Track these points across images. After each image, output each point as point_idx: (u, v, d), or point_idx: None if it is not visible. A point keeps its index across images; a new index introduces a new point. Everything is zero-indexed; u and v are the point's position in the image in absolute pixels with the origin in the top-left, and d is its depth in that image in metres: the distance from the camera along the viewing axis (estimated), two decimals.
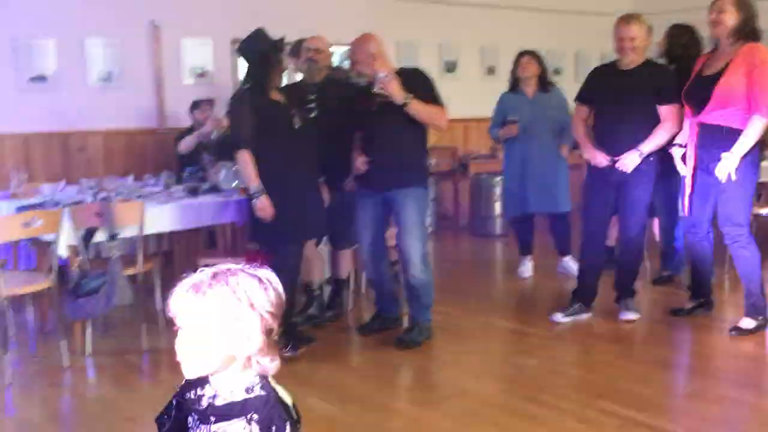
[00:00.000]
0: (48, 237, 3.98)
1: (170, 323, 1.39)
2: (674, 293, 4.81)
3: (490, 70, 8.85)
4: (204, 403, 1.40)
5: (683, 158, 4.08)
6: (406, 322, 4.22)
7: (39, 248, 4.50)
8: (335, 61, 5.88)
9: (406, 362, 3.79)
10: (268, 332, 1.37)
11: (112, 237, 3.99)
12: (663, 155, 4.23)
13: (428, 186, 4.10)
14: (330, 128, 4.16)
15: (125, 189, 4.70)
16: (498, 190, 7.55)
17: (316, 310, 4.46)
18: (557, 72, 8.97)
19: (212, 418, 1.38)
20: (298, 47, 4.59)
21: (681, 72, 4.24)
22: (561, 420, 2.98)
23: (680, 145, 4.12)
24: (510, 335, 4.25)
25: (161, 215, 4.27)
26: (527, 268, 5.57)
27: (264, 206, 3.72)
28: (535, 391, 3.28)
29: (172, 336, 3.59)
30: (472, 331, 4.27)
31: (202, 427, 1.39)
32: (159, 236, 5.05)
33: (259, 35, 3.88)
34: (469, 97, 8.50)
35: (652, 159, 4.13)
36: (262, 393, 1.37)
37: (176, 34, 6.45)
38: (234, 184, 4.68)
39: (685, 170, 4.08)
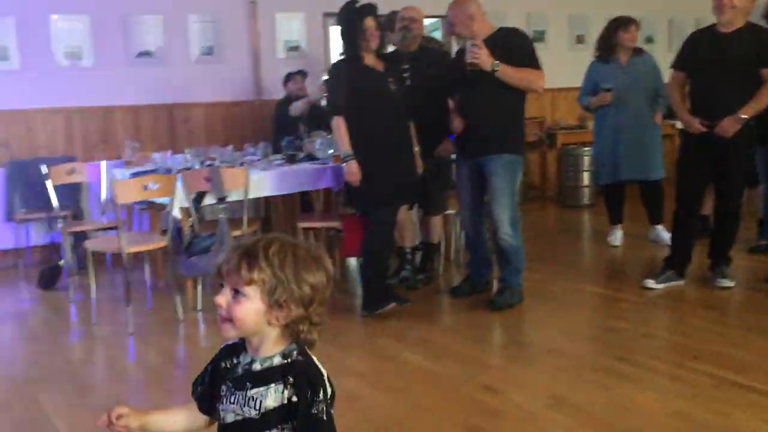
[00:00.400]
0: (162, 200, 4.30)
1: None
2: None
3: (579, 39, 8.71)
4: (240, 370, 1.44)
5: None
6: (496, 286, 4.32)
7: (152, 211, 4.86)
8: (428, 31, 5.98)
9: (498, 322, 3.91)
10: (309, 305, 1.40)
11: (220, 200, 4.26)
12: (763, 121, 4.15)
13: (522, 152, 4.12)
14: (423, 96, 4.27)
15: (229, 157, 4.97)
16: (586, 160, 7.52)
17: (408, 273, 4.62)
18: (649, 40, 8.74)
19: (248, 384, 1.41)
20: (392, 19, 4.70)
21: None
22: (652, 378, 3.05)
23: None
24: (600, 300, 4.29)
25: (263, 181, 4.52)
26: (617, 236, 5.55)
27: (352, 171, 3.88)
28: (626, 352, 3.34)
29: None
30: (563, 295, 4.34)
31: (238, 393, 1.42)
32: (258, 201, 5.34)
33: (347, 6, 4.02)
34: (557, 67, 8.34)
35: (752, 124, 4.06)
36: (300, 359, 1.41)
37: (271, 9, 6.68)
38: (329, 152, 4.88)
39: None
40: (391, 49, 4.95)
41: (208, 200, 4.35)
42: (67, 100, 5.87)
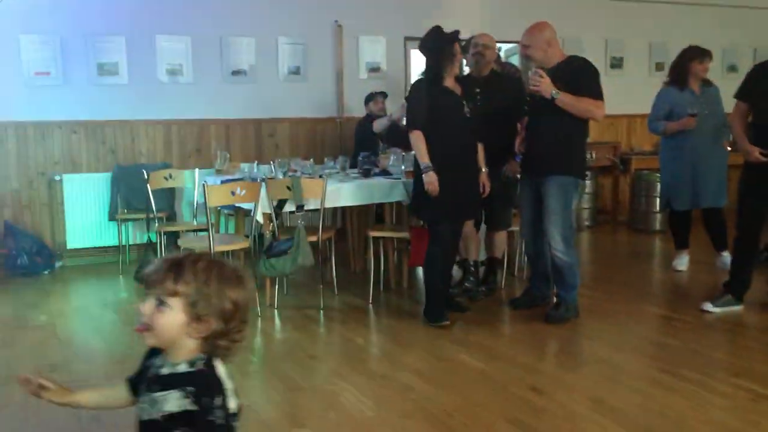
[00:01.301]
0: (247, 206, 4.73)
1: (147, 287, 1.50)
2: None
3: (659, 66, 8.77)
4: (152, 371, 1.52)
5: None
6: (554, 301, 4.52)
7: (238, 217, 5.32)
8: (507, 55, 6.24)
9: (552, 333, 4.12)
10: (229, 320, 1.49)
11: (299, 208, 4.65)
12: None
13: (578, 175, 4.31)
14: (492, 119, 4.54)
15: (309, 169, 5.38)
16: (659, 186, 7.55)
17: (471, 284, 4.88)
18: (732, 69, 8.74)
19: (155, 386, 1.48)
20: (468, 44, 5.01)
21: None
22: (692, 389, 3.20)
23: None
24: (656, 319, 4.43)
25: (339, 192, 4.88)
26: (683, 261, 5.64)
27: (432, 180, 4.15)
28: (671, 365, 3.50)
29: (345, 295, 4.25)
30: (620, 313, 4.50)
31: (147, 394, 1.50)
32: (334, 211, 5.71)
33: (436, 31, 4.33)
34: (634, 94, 8.50)
35: None
36: (203, 368, 1.48)
37: (355, 32, 7.12)
38: (402, 168, 5.21)
39: None
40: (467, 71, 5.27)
41: (288, 207, 4.75)
42: (168, 113, 6.45)
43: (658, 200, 7.57)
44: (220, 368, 1.52)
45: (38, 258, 5.82)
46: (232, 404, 1.50)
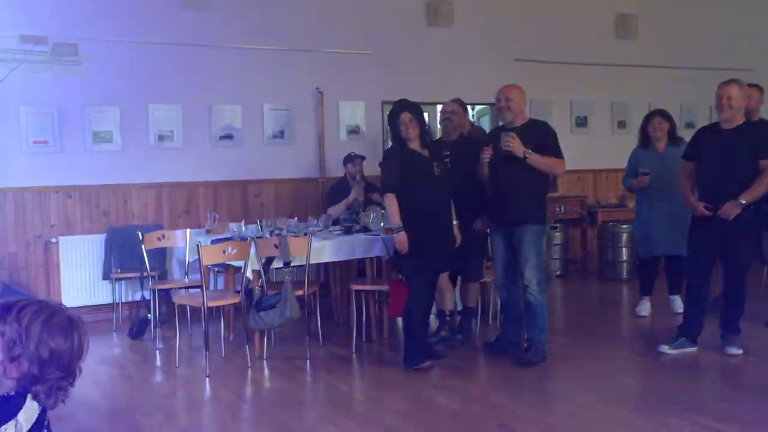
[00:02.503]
0: (237, 263, 5.07)
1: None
2: None
3: (621, 124, 9.34)
4: None
5: None
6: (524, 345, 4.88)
7: (227, 274, 5.65)
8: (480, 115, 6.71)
9: (522, 376, 4.46)
10: (44, 367, 1.57)
11: (286, 264, 5.00)
12: (766, 206, 4.68)
13: (545, 223, 4.77)
14: (462, 178, 4.97)
15: (294, 227, 5.74)
16: (624, 237, 8.04)
17: (447, 333, 5.23)
18: (690, 125, 9.29)
19: None
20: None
21: None
22: (645, 423, 3.56)
23: None
24: (618, 361, 4.79)
25: (323, 249, 5.24)
26: (645, 307, 6.05)
27: (401, 240, 4.55)
28: (629, 402, 3.87)
29: (330, 345, 4.62)
30: (585, 357, 4.86)
31: None
32: (318, 267, 6.06)
33: (394, 104, 4.78)
34: (599, 150, 9.06)
35: (752, 208, 4.59)
36: (10, 396, 1.62)
37: (335, 98, 7.59)
38: (381, 225, 5.59)
39: None
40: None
41: (276, 264, 5.09)
42: (159, 177, 6.81)
43: (624, 250, 8.07)
44: (30, 406, 1.61)
45: None
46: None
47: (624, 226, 8.09)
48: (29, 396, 1.62)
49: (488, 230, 5.14)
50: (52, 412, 3.54)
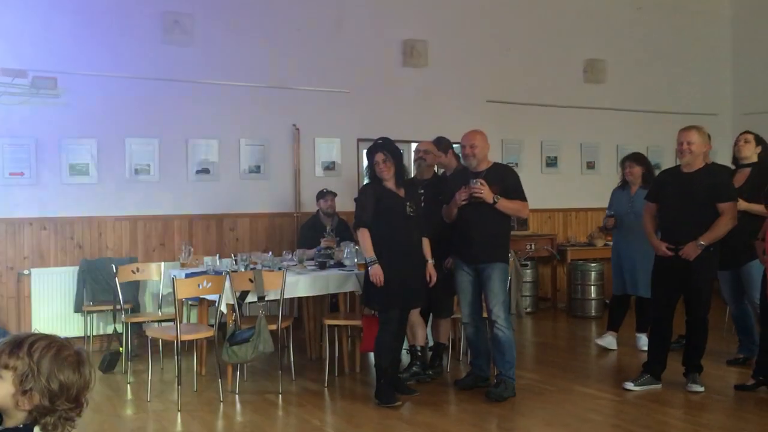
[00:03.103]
0: (211, 297, 5.11)
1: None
2: (745, 373, 5.28)
3: (590, 165, 9.59)
4: None
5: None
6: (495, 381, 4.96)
7: (200, 307, 5.68)
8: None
9: (491, 411, 4.54)
10: (55, 399, 1.67)
11: (260, 299, 5.05)
12: (725, 248, 4.87)
13: (507, 261, 4.91)
14: (436, 217, 5.09)
15: (269, 262, 5.80)
16: (593, 275, 8.21)
17: (418, 368, 5.30)
18: (657, 167, 9.57)
19: None
20: (439, 143, 5.55)
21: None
22: None
23: (762, 239, 4.76)
24: (584, 397, 4.89)
25: (297, 283, 5.31)
26: (607, 340, 6.26)
27: (376, 273, 4.65)
28: None
29: (302, 379, 4.65)
30: (552, 393, 4.96)
31: None
32: (291, 301, 6.12)
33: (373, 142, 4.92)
34: (569, 190, 9.29)
35: (712, 249, 4.77)
36: (20, 428, 1.69)
37: (311, 134, 7.72)
38: (355, 261, 5.68)
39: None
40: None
41: (250, 298, 5.15)
42: (134, 209, 6.85)
43: (592, 288, 8.24)
44: None
45: None
46: None
47: (593, 265, 8.27)
48: (37, 427, 1.69)
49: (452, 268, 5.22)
50: None
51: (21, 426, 1.69)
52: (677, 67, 9.87)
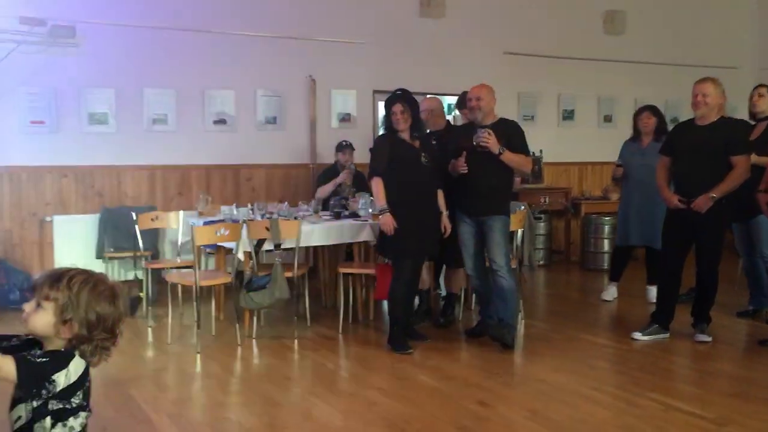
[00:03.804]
0: (228, 244, 5.23)
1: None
2: (755, 325, 5.36)
3: (607, 118, 9.54)
4: (30, 358, 1.78)
5: None
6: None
7: (218, 255, 5.81)
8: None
9: (501, 358, 4.66)
10: (92, 329, 1.79)
11: (277, 247, 5.16)
12: (737, 201, 4.89)
13: (509, 215, 4.96)
14: (447, 167, 5.13)
15: (285, 212, 5.89)
16: (607, 229, 8.26)
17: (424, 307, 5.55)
18: (675, 121, 9.49)
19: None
20: (463, 98, 5.58)
21: None
22: (613, 402, 3.78)
23: (765, 191, 4.78)
24: (591, 346, 4.99)
25: (313, 233, 5.41)
26: (610, 292, 6.38)
27: (386, 222, 4.73)
28: (598, 383, 4.08)
29: (317, 326, 4.78)
30: (560, 341, 5.07)
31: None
32: (308, 250, 6.23)
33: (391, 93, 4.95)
34: (585, 143, 9.26)
35: (724, 202, 4.79)
36: (61, 352, 1.81)
37: (327, 86, 7.74)
38: (370, 211, 5.76)
39: None
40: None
41: (267, 246, 5.26)
42: (152, 159, 6.95)
43: (606, 241, 8.29)
44: (77, 362, 1.80)
45: (28, 293, 6.20)
46: (61, 381, 1.77)
47: (606, 218, 8.29)
48: (77, 353, 1.81)
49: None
50: None
51: (62, 350, 1.81)
52: (698, 18, 9.70)
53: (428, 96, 5.86)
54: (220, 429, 3.51)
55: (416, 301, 5.44)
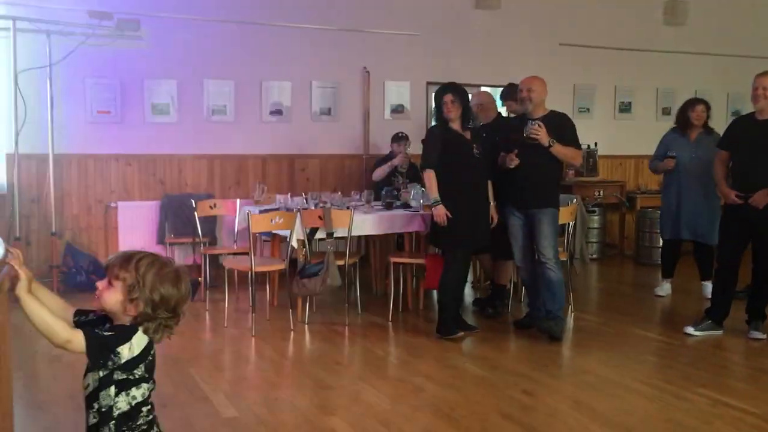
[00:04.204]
0: (283, 232, 5.38)
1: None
2: None
3: (665, 111, 9.36)
4: (99, 332, 1.94)
5: None
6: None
7: (273, 242, 5.97)
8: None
9: (548, 349, 4.69)
10: (156, 308, 1.91)
11: (329, 235, 5.29)
12: None
13: (558, 207, 4.98)
14: (497, 159, 5.17)
15: (338, 201, 6.02)
16: None
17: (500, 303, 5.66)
18: (737, 113, 9.27)
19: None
20: (511, 90, 5.61)
21: None
22: (660, 395, 3.77)
23: None
24: (642, 340, 4.97)
25: (364, 222, 5.51)
26: (663, 288, 6.30)
27: (440, 213, 4.80)
28: (646, 376, 4.08)
29: (368, 314, 4.89)
30: (610, 334, 5.06)
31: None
32: (360, 239, 6.35)
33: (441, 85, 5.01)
34: (642, 136, 9.10)
35: None
36: (126, 327, 1.93)
37: (381, 77, 7.83)
38: (421, 202, 5.84)
39: None
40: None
41: (319, 235, 5.39)
42: (211, 148, 7.17)
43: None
44: (139, 336, 1.92)
45: (94, 275, 6.51)
46: (125, 353, 1.89)
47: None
48: (141, 329, 1.94)
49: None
50: None
51: (128, 325, 1.96)
52: (762, 9, 9.42)
53: (479, 90, 5.88)
54: (273, 408, 3.65)
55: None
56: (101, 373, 1.95)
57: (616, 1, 8.75)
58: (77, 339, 1.86)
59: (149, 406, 2.02)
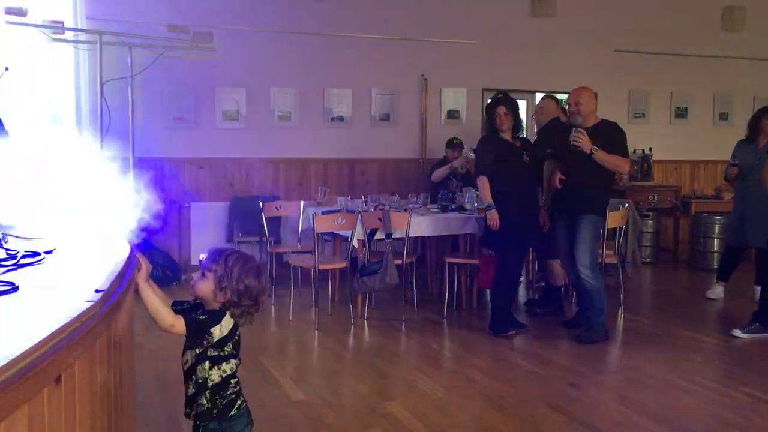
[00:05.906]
0: (344, 233, 5.73)
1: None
2: None
3: (723, 116, 9.38)
4: (194, 316, 2.24)
5: None
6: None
7: (335, 242, 6.33)
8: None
9: (596, 347, 4.89)
10: (241, 297, 2.21)
11: (388, 236, 5.60)
12: None
13: (603, 214, 5.15)
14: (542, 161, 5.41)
15: (396, 203, 6.33)
16: (717, 228, 8.17)
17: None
18: None
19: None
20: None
21: None
22: (703, 392, 3.96)
23: None
24: (689, 341, 5.12)
25: (421, 224, 5.81)
26: (715, 291, 6.40)
27: (493, 218, 5.07)
28: (691, 374, 4.26)
29: (423, 311, 5.20)
30: (658, 335, 5.23)
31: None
32: (416, 240, 6.65)
33: (493, 95, 5.27)
34: (698, 142, 9.17)
35: None
36: (216, 311, 2.23)
37: (438, 84, 8.12)
38: (475, 206, 6.10)
39: None
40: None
41: (378, 236, 5.71)
42: (276, 152, 7.59)
43: (715, 241, 8.20)
44: (227, 319, 2.22)
45: (168, 271, 7.00)
46: (217, 333, 2.21)
47: (717, 218, 8.20)
48: (228, 314, 2.27)
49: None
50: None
51: (218, 309, 2.30)
52: None
53: (543, 95, 6.15)
54: (336, 392, 3.99)
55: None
56: (197, 351, 2.30)
57: (672, 7, 8.83)
58: (180, 324, 2.22)
59: (236, 379, 2.37)
